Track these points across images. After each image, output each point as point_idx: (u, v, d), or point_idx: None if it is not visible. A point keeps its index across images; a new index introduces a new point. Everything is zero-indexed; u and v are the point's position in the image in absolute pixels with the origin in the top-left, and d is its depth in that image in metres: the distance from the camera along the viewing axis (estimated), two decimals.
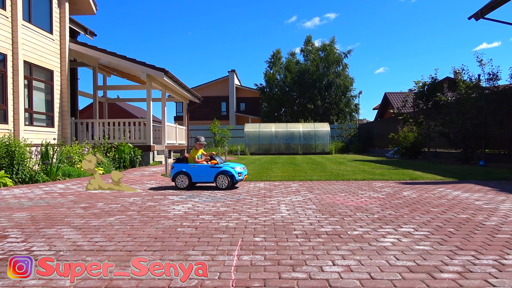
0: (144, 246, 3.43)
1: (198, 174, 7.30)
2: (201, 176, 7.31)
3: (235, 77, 43.36)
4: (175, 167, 7.39)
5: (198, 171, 7.30)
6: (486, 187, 7.36)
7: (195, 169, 7.30)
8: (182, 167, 7.35)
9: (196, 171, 7.30)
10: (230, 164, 7.45)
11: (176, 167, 7.39)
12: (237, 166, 7.41)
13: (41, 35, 11.94)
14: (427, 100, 16.39)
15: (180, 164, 7.40)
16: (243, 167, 7.53)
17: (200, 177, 7.31)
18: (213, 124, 30.05)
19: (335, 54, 36.63)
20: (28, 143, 9.92)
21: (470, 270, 2.76)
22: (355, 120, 36.98)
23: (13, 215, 4.90)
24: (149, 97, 14.60)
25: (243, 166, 7.59)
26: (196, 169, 7.30)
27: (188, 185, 7.29)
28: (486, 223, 4.24)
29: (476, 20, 12.51)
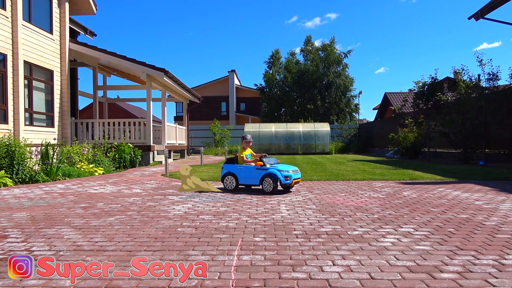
0: (144, 246, 3.43)
1: (244, 176, 6.81)
2: (247, 178, 6.80)
3: (235, 77, 43.36)
4: (224, 168, 7.04)
5: (244, 172, 6.81)
6: (486, 187, 7.36)
7: (242, 171, 6.83)
8: (230, 168, 6.96)
9: (242, 172, 6.83)
10: (279, 166, 6.74)
11: (225, 168, 7.03)
12: (287, 168, 6.68)
13: (41, 35, 11.94)
14: (427, 100, 16.38)
15: (229, 164, 7.01)
16: (294, 169, 6.74)
17: (246, 179, 6.81)
18: (213, 124, 30.06)
19: (335, 54, 36.65)
20: (28, 143, 9.92)
21: (470, 270, 2.75)
22: (355, 120, 36.99)
23: (13, 215, 4.90)
24: (149, 97, 14.61)
25: (295, 168, 6.80)
26: (242, 171, 6.83)
27: (235, 187, 6.91)
28: (486, 223, 4.24)
29: (476, 20, 12.51)
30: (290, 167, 6.73)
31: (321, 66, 36.60)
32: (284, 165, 6.82)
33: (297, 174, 6.74)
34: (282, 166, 6.71)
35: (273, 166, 6.63)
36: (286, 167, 6.72)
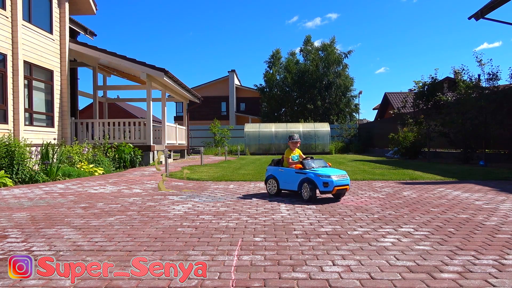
0: (144, 246, 3.42)
1: (285, 180, 6.07)
2: (287, 182, 6.05)
3: (235, 77, 43.37)
4: (268, 170, 6.43)
5: (285, 176, 6.07)
6: (486, 187, 7.36)
7: (283, 174, 6.10)
8: (272, 171, 6.31)
9: (283, 176, 6.10)
10: (321, 169, 5.71)
11: (268, 170, 6.42)
12: (329, 173, 5.59)
13: (41, 35, 11.94)
14: (427, 100, 16.39)
15: (273, 167, 6.35)
16: (339, 174, 5.65)
17: (287, 183, 6.05)
18: (213, 124, 30.07)
19: (335, 54, 36.67)
20: (28, 143, 9.92)
21: (470, 270, 2.75)
22: (355, 120, 37.00)
23: (13, 215, 4.90)
24: (149, 97, 14.61)
25: (340, 173, 5.72)
26: (283, 174, 6.10)
27: (276, 192, 6.25)
28: (486, 223, 4.24)
29: (476, 20, 12.51)
30: (334, 172, 5.68)
31: (321, 66, 36.61)
32: (328, 169, 5.78)
33: (342, 180, 5.61)
34: (324, 170, 5.68)
35: (314, 169, 5.70)
36: (329, 171, 5.67)
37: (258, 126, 29.59)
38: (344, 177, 5.68)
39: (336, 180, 5.54)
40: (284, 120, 36.26)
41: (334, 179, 5.51)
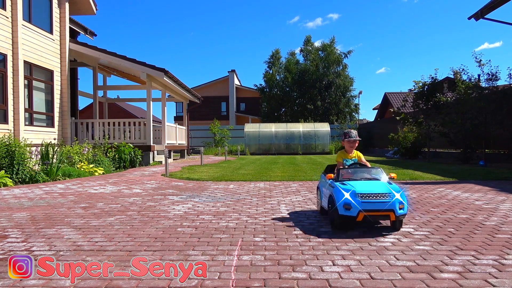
0: (144, 246, 3.43)
1: (324, 194, 4.48)
2: (324, 198, 4.45)
3: (235, 77, 43.38)
4: (321, 178, 4.90)
5: (323, 189, 4.59)
6: (486, 187, 7.36)
7: (323, 186, 4.62)
8: (320, 181, 4.89)
9: (323, 189, 4.62)
10: (354, 183, 3.95)
11: (321, 178, 4.94)
12: (361, 188, 3.83)
13: (41, 35, 11.94)
14: (427, 100, 16.39)
15: (323, 175, 4.80)
16: (375, 193, 3.77)
17: (324, 199, 4.46)
18: (213, 124, 30.07)
19: (335, 54, 36.67)
20: (28, 143, 9.92)
21: (470, 270, 2.75)
22: (355, 120, 37.00)
23: (13, 215, 4.90)
24: (149, 97, 14.61)
25: (378, 191, 3.80)
26: (323, 186, 4.62)
27: (320, 210, 4.79)
28: (486, 223, 4.24)
29: (476, 20, 12.51)
30: (368, 188, 3.83)
31: (321, 66, 36.62)
32: (367, 183, 3.97)
33: (377, 203, 3.72)
34: (359, 184, 3.91)
35: (346, 182, 4.01)
36: (365, 186, 3.88)
37: (258, 126, 29.59)
38: (385, 198, 3.72)
39: (365, 201, 3.71)
40: (284, 120, 36.27)
41: (362, 199, 3.71)
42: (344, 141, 4.73)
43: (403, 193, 3.85)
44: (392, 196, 3.75)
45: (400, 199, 3.76)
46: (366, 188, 3.84)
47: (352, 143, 4.70)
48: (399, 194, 3.79)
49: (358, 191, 3.78)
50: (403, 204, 3.77)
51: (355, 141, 4.70)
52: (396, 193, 3.78)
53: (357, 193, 3.75)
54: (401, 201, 3.76)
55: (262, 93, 38.50)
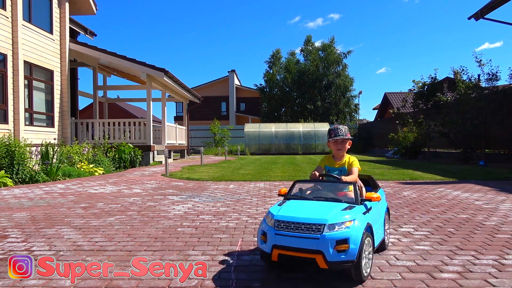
0: (144, 246, 3.43)
1: None
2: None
3: (235, 77, 43.38)
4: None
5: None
6: (486, 187, 7.36)
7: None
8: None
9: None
10: (289, 205, 2.80)
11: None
12: (284, 212, 2.65)
13: (41, 35, 11.94)
14: (427, 100, 16.40)
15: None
16: (295, 222, 2.53)
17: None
18: (213, 124, 30.06)
19: (335, 54, 36.66)
20: (28, 143, 9.92)
21: (470, 270, 2.76)
22: (355, 120, 37.00)
23: (13, 215, 4.90)
24: (149, 97, 14.61)
25: (305, 219, 2.51)
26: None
27: None
28: (486, 223, 4.24)
29: (476, 20, 12.52)
30: (297, 213, 2.60)
31: (321, 66, 36.62)
32: (304, 206, 2.73)
33: (300, 240, 2.46)
34: (293, 207, 2.74)
35: (290, 199, 2.90)
36: (294, 209, 2.69)
37: (258, 126, 29.59)
38: (311, 231, 2.45)
39: (281, 232, 2.51)
40: (284, 120, 36.26)
41: (277, 229, 2.53)
42: (329, 141, 3.31)
43: (358, 229, 2.45)
44: (323, 229, 2.40)
45: (342, 237, 2.39)
46: (294, 213, 2.59)
47: (339, 144, 3.29)
48: (347, 228, 2.43)
49: (278, 216, 2.59)
50: (346, 244, 2.37)
51: (344, 142, 3.30)
52: (339, 226, 2.43)
53: (275, 219, 2.58)
54: (342, 239, 2.39)
55: (262, 93, 38.50)
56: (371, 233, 2.68)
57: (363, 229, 2.51)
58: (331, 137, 3.30)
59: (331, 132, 3.32)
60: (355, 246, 2.41)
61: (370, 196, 2.79)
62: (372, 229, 2.70)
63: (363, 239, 2.47)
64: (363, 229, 2.51)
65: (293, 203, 2.81)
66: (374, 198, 2.78)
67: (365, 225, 2.56)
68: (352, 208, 2.65)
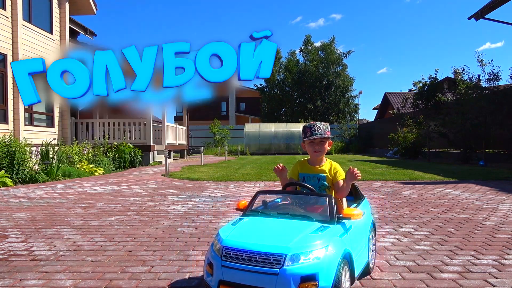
0: (144, 246, 3.43)
1: None
2: None
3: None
4: None
5: None
6: (486, 187, 7.36)
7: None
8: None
9: None
10: (246, 223, 2.26)
11: None
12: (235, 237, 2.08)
13: (41, 35, 11.94)
14: (427, 100, 16.39)
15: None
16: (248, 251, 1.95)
17: None
18: (213, 124, 30.05)
19: (334, 54, 36.66)
20: (28, 143, 9.91)
21: (470, 270, 2.76)
22: (355, 120, 37.00)
23: (13, 215, 4.90)
24: None
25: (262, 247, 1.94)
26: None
27: None
28: (486, 223, 4.24)
29: (476, 20, 12.52)
30: (253, 238, 2.02)
31: (321, 66, 36.61)
32: (265, 227, 2.19)
33: (252, 275, 1.90)
34: (249, 227, 2.20)
35: (248, 216, 2.38)
36: (250, 232, 2.13)
37: (258, 126, 29.58)
38: (266, 264, 1.90)
39: (229, 264, 1.98)
40: (284, 120, 36.24)
41: (224, 259, 2.00)
42: (305, 141, 2.65)
43: (331, 259, 1.92)
44: (284, 261, 1.86)
45: (310, 272, 1.86)
46: (248, 237, 2.04)
47: (317, 144, 2.62)
48: (317, 259, 1.89)
49: (227, 241, 2.04)
50: (314, 282, 1.85)
51: (322, 142, 2.63)
52: (305, 256, 1.88)
53: (222, 245, 2.03)
54: (310, 275, 1.86)
55: (262, 93, 38.50)
56: (350, 262, 2.12)
57: (338, 258, 1.95)
58: (306, 137, 2.61)
59: (306, 130, 2.63)
60: (327, 284, 1.85)
61: (349, 213, 2.22)
62: (352, 256, 2.13)
63: (338, 272, 1.92)
64: (338, 258, 1.95)
65: (250, 223, 2.23)
66: (355, 216, 2.21)
67: (341, 252, 1.99)
68: (326, 229, 2.07)
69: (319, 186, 2.59)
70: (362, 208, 2.64)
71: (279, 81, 38.06)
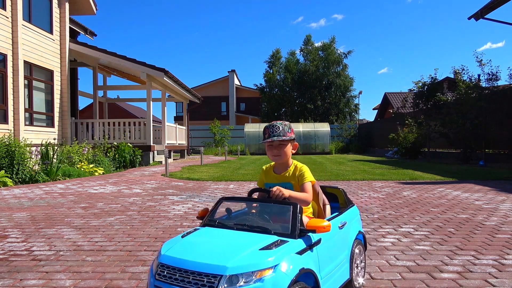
0: (144, 246, 3.43)
1: None
2: None
3: (235, 77, 43.38)
4: None
5: None
6: (486, 187, 7.36)
7: None
8: None
9: None
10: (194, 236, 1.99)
11: None
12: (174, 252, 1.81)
13: (41, 35, 11.94)
14: (427, 100, 16.40)
15: None
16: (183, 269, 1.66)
17: None
18: (213, 124, 30.05)
19: (335, 54, 36.67)
20: (28, 143, 9.92)
21: (470, 270, 2.76)
22: (355, 120, 37.01)
23: (13, 215, 4.90)
24: (149, 97, 14.60)
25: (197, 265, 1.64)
26: None
27: None
28: (486, 223, 4.24)
29: (476, 20, 12.52)
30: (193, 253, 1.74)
31: (321, 66, 36.61)
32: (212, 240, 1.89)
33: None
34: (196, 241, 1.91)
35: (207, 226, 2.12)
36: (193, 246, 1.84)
37: (258, 126, 29.58)
38: (202, 283, 1.58)
39: (162, 283, 1.69)
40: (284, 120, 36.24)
41: (158, 277, 1.73)
42: (265, 144, 2.33)
43: (281, 280, 1.59)
44: (219, 283, 1.56)
45: None
46: (186, 253, 1.76)
47: (275, 148, 2.29)
48: (260, 282, 1.57)
49: (164, 256, 1.82)
50: None
51: (282, 145, 2.29)
52: (247, 277, 1.57)
53: (159, 261, 1.82)
54: None
55: (262, 92, 38.51)
56: (316, 283, 1.79)
57: (291, 278, 1.60)
58: (264, 139, 2.29)
59: (265, 131, 2.31)
60: None
61: (314, 225, 1.84)
62: (316, 276, 1.78)
63: None
64: (291, 278, 1.60)
65: (199, 235, 1.96)
66: (322, 228, 1.84)
67: (296, 272, 1.64)
68: (281, 244, 1.73)
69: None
70: (346, 218, 2.36)
71: (279, 81, 38.06)
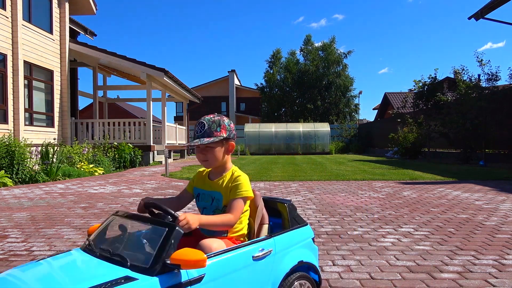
0: None
1: None
2: None
3: (235, 77, 43.38)
4: None
5: None
6: (486, 187, 7.36)
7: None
8: None
9: None
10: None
11: None
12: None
13: (41, 35, 11.94)
14: (427, 100, 16.40)
15: None
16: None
17: None
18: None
19: (335, 54, 36.66)
20: (28, 143, 9.92)
21: (470, 270, 2.75)
22: (355, 120, 37.01)
23: (13, 215, 4.90)
24: (149, 97, 14.61)
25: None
26: None
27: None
28: (486, 223, 4.24)
29: (476, 20, 12.52)
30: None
31: (321, 66, 36.62)
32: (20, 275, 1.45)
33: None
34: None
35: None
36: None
37: (258, 126, 29.59)
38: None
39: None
40: (284, 120, 36.24)
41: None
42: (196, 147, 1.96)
43: None
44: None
45: None
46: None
47: (201, 152, 1.93)
48: None
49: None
50: None
51: (210, 148, 1.93)
52: None
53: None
54: None
55: (262, 92, 38.51)
56: None
57: None
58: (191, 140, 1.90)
59: (197, 127, 1.91)
60: None
61: (178, 258, 1.33)
62: None
63: None
64: None
65: (52, 262, 1.67)
66: (188, 264, 1.33)
67: None
68: (123, 285, 1.26)
69: (212, 209, 1.81)
70: (277, 243, 1.76)
71: (279, 81, 38.06)
